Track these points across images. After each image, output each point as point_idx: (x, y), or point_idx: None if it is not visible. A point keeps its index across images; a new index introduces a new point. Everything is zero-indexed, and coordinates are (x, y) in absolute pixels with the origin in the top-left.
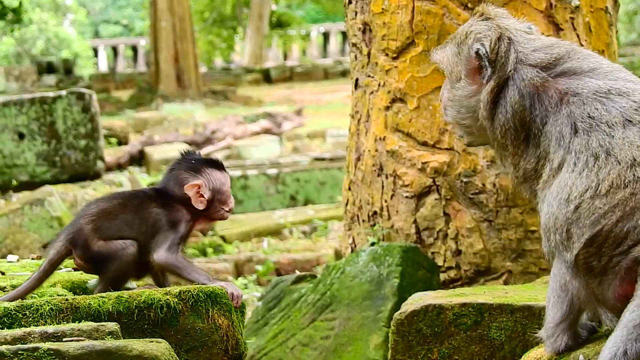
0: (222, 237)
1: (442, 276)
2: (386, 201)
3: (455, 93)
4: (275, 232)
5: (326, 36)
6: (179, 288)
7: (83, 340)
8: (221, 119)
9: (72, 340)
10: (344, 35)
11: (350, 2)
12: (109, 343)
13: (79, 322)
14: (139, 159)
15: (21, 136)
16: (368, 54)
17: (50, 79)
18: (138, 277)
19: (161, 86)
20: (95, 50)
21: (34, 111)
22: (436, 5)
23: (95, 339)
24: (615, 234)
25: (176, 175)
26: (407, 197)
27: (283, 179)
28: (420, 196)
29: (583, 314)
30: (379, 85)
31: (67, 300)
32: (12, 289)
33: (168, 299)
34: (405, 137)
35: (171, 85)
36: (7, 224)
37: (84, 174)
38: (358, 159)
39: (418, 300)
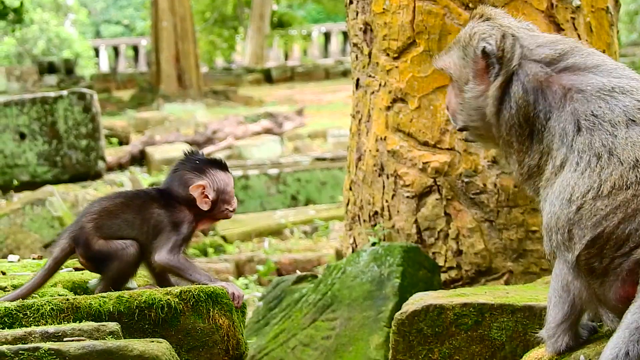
0: (223, 237)
1: (443, 276)
2: (387, 201)
3: (464, 97)
4: (276, 232)
5: (327, 36)
6: (180, 288)
7: (84, 340)
8: (222, 119)
9: (73, 340)
10: (345, 35)
11: (351, 2)
12: (110, 343)
13: (80, 322)
14: (140, 159)
15: (22, 136)
16: (369, 54)
17: (51, 79)
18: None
19: (162, 86)
20: (96, 50)
21: (35, 111)
22: (437, 5)
23: (96, 339)
24: (616, 236)
25: (180, 175)
26: (408, 197)
27: (284, 179)
28: (421, 196)
29: (584, 314)
30: (380, 85)
31: (68, 300)
32: (13, 289)
33: (169, 299)
34: (406, 137)
35: (172, 85)
36: (8, 224)
37: (85, 174)
38: (359, 159)
39: (419, 300)
